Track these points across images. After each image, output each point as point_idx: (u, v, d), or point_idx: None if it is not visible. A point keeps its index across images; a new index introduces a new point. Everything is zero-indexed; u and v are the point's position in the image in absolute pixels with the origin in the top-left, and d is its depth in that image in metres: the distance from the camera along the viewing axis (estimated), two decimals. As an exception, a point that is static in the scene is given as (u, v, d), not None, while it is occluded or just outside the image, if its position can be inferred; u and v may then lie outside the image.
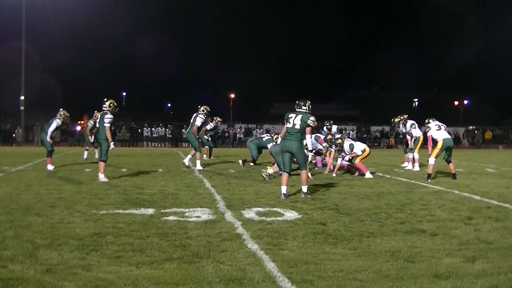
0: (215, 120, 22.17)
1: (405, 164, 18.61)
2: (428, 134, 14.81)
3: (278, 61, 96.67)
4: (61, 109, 17.05)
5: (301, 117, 10.24)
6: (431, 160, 14.19)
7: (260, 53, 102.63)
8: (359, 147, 15.13)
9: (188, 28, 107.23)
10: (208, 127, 21.71)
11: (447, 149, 14.42)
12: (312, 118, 10.36)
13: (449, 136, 14.79)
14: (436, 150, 14.30)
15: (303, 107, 10.51)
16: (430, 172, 14.08)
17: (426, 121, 15.24)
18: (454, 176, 14.20)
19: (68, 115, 16.93)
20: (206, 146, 21.77)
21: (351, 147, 15.01)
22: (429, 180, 13.67)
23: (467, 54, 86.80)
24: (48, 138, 16.21)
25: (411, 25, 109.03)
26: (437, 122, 15.01)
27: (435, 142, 14.60)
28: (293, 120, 10.29)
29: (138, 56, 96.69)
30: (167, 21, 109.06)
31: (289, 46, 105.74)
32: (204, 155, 21.13)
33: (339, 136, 16.15)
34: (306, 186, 10.42)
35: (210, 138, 22.35)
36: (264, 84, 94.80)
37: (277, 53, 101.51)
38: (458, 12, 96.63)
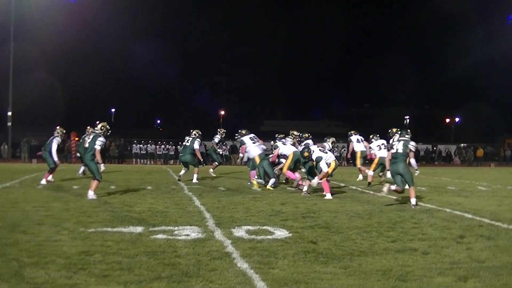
0: (219, 132, 22.29)
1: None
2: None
3: (268, 79, 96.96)
4: (58, 127, 17.72)
5: (403, 143, 12.28)
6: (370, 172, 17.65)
7: (250, 71, 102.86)
8: (326, 160, 14.36)
9: (179, 46, 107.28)
10: (216, 140, 22.22)
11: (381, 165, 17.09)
12: (412, 143, 12.45)
13: (384, 156, 16.48)
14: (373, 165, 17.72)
15: (406, 136, 12.67)
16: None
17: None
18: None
19: (64, 131, 17.41)
20: (216, 162, 22.10)
21: (318, 159, 14.57)
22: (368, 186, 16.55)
23: (459, 71, 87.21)
24: (55, 157, 16.71)
25: (402, 42, 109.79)
26: (379, 142, 17.96)
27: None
28: (396, 146, 12.36)
29: (128, 72, 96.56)
30: (159, 37, 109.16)
31: (278, 64, 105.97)
32: (211, 170, 21.67)
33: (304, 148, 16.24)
34: (415, 199, 11.95)
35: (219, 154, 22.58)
36: (254, 101, 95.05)
37: (267, 71, 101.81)
38: (449, 29, 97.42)
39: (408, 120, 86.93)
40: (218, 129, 22.54)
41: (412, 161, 13.79)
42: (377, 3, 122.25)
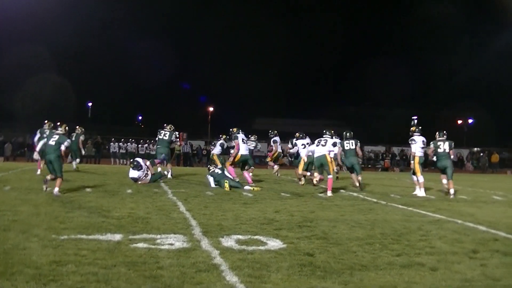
0: (250, 139, 24.16)
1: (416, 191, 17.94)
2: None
3: (261, 74, 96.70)
4: (46, 122, 20.69)
5: (448, 144, 17.19)
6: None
7: (242, 65, 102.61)
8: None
9: (167, 40, 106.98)
10: (252, 146, 23.86)
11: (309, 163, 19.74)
12: (452, 142, 17.25)
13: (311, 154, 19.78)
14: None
15: (445, 136, 17.36)
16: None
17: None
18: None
19: (52, 124, 18.85)
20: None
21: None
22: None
23: (472, 68, 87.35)
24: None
25: (408, 36, 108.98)
26: (304, 141, 20.55)
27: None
28: (443, 146, 17.13)
29: (106, 63, 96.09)
30: (146, 31, 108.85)
31: (271, 58, 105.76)
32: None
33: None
34: (453, 190, 17.06)
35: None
36: (246, 98, 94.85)
37: (259, 65, 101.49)
38: (460, 23, 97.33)
39: (416, 121, 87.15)
40: (249, 135, 24.47)
41: (452, 155, 17.50)
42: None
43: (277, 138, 24.48)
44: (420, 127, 18.37)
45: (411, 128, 18.51)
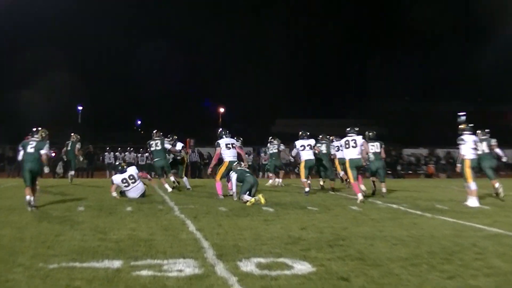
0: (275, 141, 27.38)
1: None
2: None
3: (280, 71, 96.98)
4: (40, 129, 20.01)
5: (486, 143, 19.01)
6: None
7: (259, 62, 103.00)
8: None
9: (167, 30, 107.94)
10: (275, 149, 27.47)
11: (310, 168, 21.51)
12: (493, 140, 19.37)
13: (312, 157, 21.43)
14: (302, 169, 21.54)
15: (487, 135, 19.39)
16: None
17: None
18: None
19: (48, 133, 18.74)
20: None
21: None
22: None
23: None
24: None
25: (450, 21, 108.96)
26: (304, 142, 21.40)
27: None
28: (481, 147, 18.69)
29: (100, 62, 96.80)
30: (141, 20, 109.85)
31: (292, 53, 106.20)
32: (277, 179, 26.83)
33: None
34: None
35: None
36: (264, 97, 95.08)
37: (278, 61, 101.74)
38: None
39: (463, 117, 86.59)
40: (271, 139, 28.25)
41: (498, 150, 19.58)
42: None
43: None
44: (471, 124, 18.14)
45: (460, 126, 18.34)
